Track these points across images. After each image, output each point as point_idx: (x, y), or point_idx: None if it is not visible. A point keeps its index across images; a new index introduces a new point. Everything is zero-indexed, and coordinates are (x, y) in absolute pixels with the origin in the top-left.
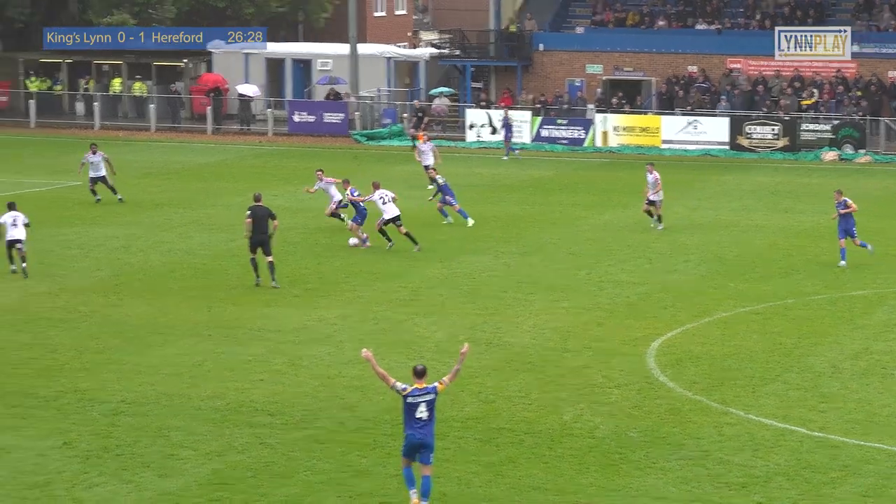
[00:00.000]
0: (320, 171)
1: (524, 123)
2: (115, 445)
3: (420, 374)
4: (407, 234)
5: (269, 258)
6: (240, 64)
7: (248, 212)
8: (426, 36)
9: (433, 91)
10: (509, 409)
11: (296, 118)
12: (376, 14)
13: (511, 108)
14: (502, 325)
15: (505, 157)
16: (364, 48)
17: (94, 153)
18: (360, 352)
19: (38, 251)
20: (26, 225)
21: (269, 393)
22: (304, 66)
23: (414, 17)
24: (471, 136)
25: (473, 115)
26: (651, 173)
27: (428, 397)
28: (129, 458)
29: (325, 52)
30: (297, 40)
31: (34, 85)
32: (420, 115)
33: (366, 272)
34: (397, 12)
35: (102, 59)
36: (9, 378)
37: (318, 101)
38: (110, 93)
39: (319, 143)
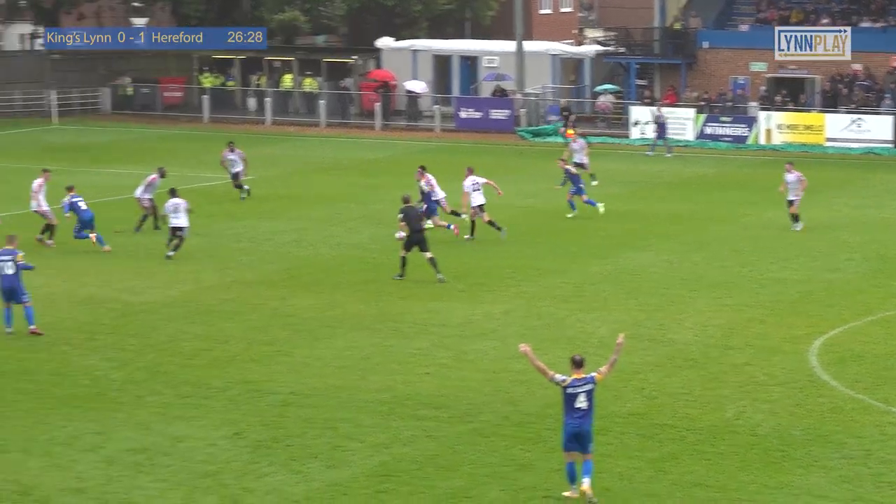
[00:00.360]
0: (422, 167)
1: (688, 121)
2: (284, 436)
3: (578, 364)
4: (490, 223)
5: (429, 254)
6: (408, 60)
7: (401, 214)
8: (591, 33)
9: (598, 88)
10: (671, 406)
11: (462, 114)
12: (542, 11)
13: (675, 106)
14: (665, 322)
15: (668, 155)
16: (530, 45)
17: (231, 151)
18: (519, 347)
19: (210, 245)
20: (188, 211)
21: (434, 386)
22: (470, 62)
23: (579, 14)
24: (635, 133)
25: (638, 113)
26: (791, 172)
27: (587, 387)
28: (297, 448)
29: (492, 50)
30: (463, 37)
31: (208, 81)
32: (567, 112)
33: (529, 268)
34: (563, 10)
35: (274, 55)
36: (182, 368)
37: (485, 98)
38: (281, 89)
39: (485, 139)
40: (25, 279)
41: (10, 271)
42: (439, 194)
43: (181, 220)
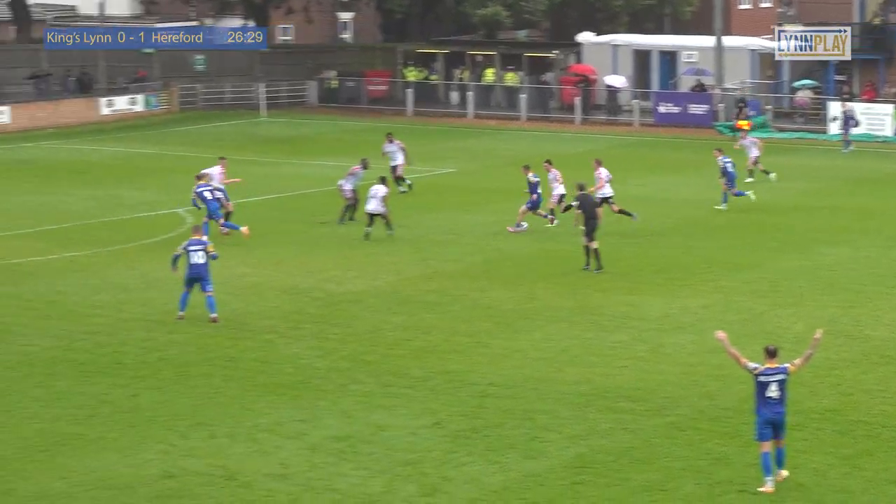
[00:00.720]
0: (548, 161)
1: (886, 117)
2: (482, 426)
3: (772, 353)
4: (621, 211)
5: (595, 244)
6: (608, 55)
7: (577, 202)
8: (790, 28)
9: (796, 83)
10: (867, 402)
11: (661, 109)
12: (741, 7)
13: (873, 102)
14: (862, 318)
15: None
16: (729, 40)
17: (390, 142)
18: (714, 333)
19: (412, 236)
20: (383, 198)
21: (631, 379)
22: (670, 57)
23: (778, 9)
24: (833, 128)
25: (835, 108)
26: None
27: (779, 377)
28: (495, 439)
29: (691, 45)
30: (663, 33)
31: (412, 74)
32: (741, 104)
33: (726, 262)
34: (762, 5)
35: (477, 49)
36: (384, 358)
37: (683, 93)
38: (483, 83)
39: (684, 133)
40: (230, 269)
41: (201, 260)
42: (559, 189)
43: (375, 207)
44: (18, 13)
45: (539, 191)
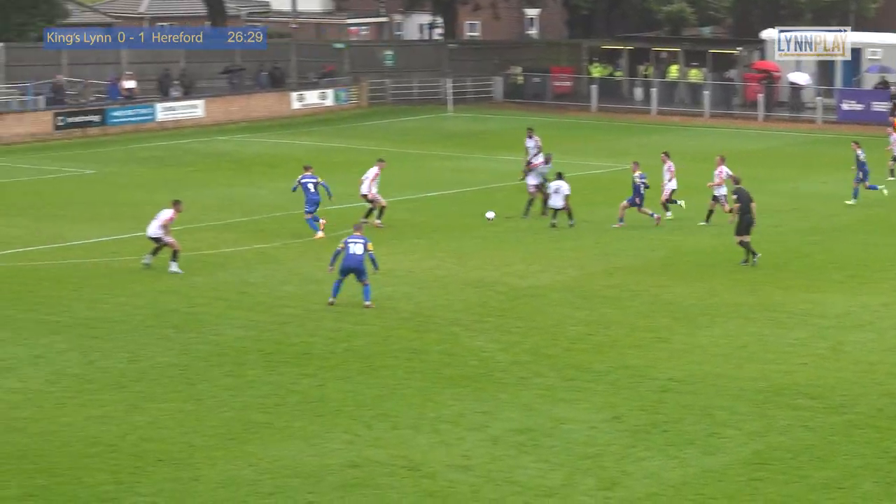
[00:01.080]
0: (665, 153)
1: None
2: (662, 421)
3: None
4: (711, 212)
5: (746, 238)
6: None
7: (735, 195)
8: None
9: None
10: None
11: (844, 106)
12: None
13: None
14: None
15: None
16: None
17: (529, 137)
18: None
19: (595, 230)
20: (567, 196)
21: (810, 377)
22: (853, 54)
23: None
24: None
25: None
26: None
27: None
28: (674, 434)
29: (875, 42)
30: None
31: (596, 71)
32: (895, 100)
33: None
34: None
35: (661, 46)
36: (566, 352)
37: (867, 90)
38: (667, 79)
39: (866, 131)
40: (416, 262)
41: (359, 251)
42: (671, 184)
43: (557, 202)
44: (213, 8)
45: (642, 192)
